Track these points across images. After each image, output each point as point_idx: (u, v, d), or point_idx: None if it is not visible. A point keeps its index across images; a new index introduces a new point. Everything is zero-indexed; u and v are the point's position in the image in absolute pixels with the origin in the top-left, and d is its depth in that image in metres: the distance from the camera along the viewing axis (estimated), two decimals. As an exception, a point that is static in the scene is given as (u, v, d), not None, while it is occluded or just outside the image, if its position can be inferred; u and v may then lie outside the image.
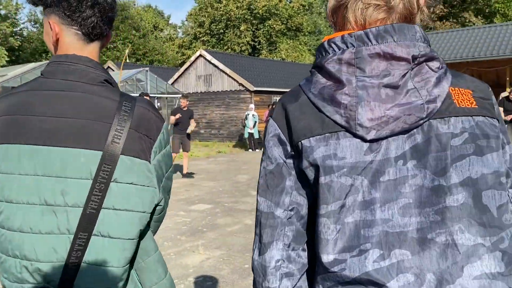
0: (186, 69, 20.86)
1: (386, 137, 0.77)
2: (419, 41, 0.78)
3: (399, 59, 0.76)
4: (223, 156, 14.58)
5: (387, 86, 0.76)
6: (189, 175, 9.46)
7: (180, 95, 17.55)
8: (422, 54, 0.77)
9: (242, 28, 33.02)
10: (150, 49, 34.01)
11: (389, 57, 0.76)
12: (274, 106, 6.96)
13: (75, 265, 0.92)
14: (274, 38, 33.51)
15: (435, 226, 0.74)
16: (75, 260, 0.92)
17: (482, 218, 0.75)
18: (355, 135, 0.77)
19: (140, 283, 1.05)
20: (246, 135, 16.01)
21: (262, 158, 0.87)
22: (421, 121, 0.77)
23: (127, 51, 10.79)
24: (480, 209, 0.75)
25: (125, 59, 24.26)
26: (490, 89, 0.85)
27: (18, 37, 29.64)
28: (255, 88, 18.34)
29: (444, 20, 24.98)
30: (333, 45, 0.80)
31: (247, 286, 3.56)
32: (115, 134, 0.95)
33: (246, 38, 33.26)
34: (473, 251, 0.74)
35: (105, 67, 25.76)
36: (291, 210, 0.82)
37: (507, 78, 15.42)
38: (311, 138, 0.79)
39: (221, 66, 19.28)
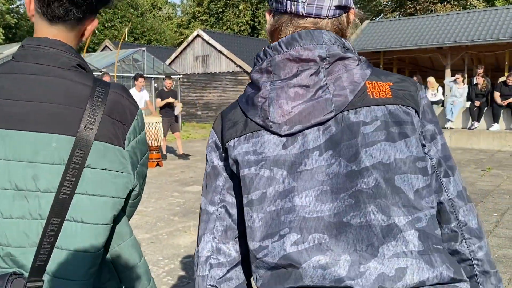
0: (183, 50, 20.65)
1: (299, 131, 0.83)
2: (327, 43, 0.84)
3: (307, 60, 0.84)
4: (220, 137, 14.54)
5: (296, 85, 0.84)
6: (185, 156, 9.44)
7: (179, 77, 17.49)
8: (330, 54, 0.84)
9: (241, 7, 32.64)
10: (148, 28, 33.66)
11: (298, 60, 0.84)
12: None
13: (47, 250, 0.91)
14: (273, 18, 33.14)
15: (349, 209, 0.78)
16: (47, 245, 0.91)
17: (395, 199, 0.78)
18: (272, 132, 0.85)
19: (114, 268, 1.05)
20: (243, 117, 15.97)
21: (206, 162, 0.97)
22: (332, 114, 0.82)
23: (126, 29, 10.63)
24: (393, 191, 0.78)
25: (124, 39, 24.00)
26: (418, 85, 0.89)
27: (15, 14, 29.27)
28: (253, 70, 18.22)
29: (445, 3, 24.70)
30: (258, 58, 0.90)
31: (236, 266, 3.65)
32: (88, 120, 0.94)
33: (245, 17, 32.90)
34: (387, 231, 0.76)
35: (103, 46, 25.55)
36: (221, 207, 0.91)
37: (506, 63, 15.34)
38: (235, 139, 0.88)
39: (218, 46, 19.12)
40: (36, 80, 0.96)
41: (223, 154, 0.92)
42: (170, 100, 8.84)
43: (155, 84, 18.01)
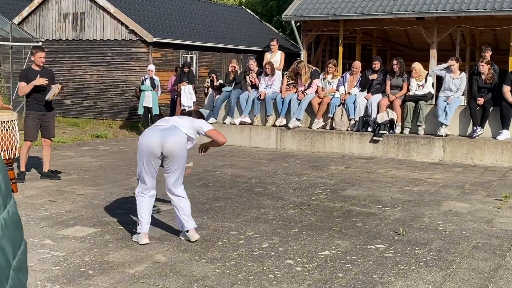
0: (42, 3, 19.72)
1: None
2: None
3: None
4: (104, 142, 14.05)
5: None
6: (53, 174, 9.16)
7: (33, 45, 16.53)
8: None
9: None
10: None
11: None
12: (185, 69, 6.57)
13: None
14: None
15: None
16: None
17: None
18: None
19: None
20: (140, 111, 15.54)
21: None
22: None
23: None
24: None
25: None
26: None
27: None
28: (155, 39, 17.86)
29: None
30: None
31: None
32: None
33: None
34: None
35: None
36: None
37: (512, 43, 16.34)
38: None
39: (101, 1, 18.51)
40: None
41: None
42: (44, 81, 8.49)
43: (-2, 56, 16.89)
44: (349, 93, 12.98)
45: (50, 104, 8.91)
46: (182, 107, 14.58)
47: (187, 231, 5.85)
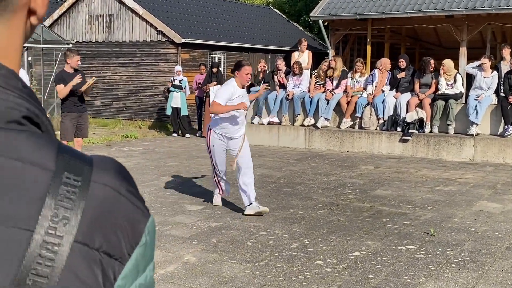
0: (72, 5, 19.96)
1: None
2: None
3: None
4: (134, 143, 14.17)
5: None
6: None
7: (66, 47, 16.77)
8: None
9: None
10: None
11: None
12: (214, 70, 6.81)
13: None
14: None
15: None
16: None
17: None
18: None
19: None
20: (169, 112, 15.63)
21: None
22: None
23: None
24: None
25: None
26: None
27: None
28: (184, 40, 17.94)
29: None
30: None
31: None
32: (39, 260, 0.69)
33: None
34: None
35: None
36: None
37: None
38: None
39: (130, 2, 18.64)
40: None
41: None
42: (78, 79, 8.72)
43: (29, 58, 17.15)
44: (382, 90, 12.88)
45: (85, 105, 9.17)
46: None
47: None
